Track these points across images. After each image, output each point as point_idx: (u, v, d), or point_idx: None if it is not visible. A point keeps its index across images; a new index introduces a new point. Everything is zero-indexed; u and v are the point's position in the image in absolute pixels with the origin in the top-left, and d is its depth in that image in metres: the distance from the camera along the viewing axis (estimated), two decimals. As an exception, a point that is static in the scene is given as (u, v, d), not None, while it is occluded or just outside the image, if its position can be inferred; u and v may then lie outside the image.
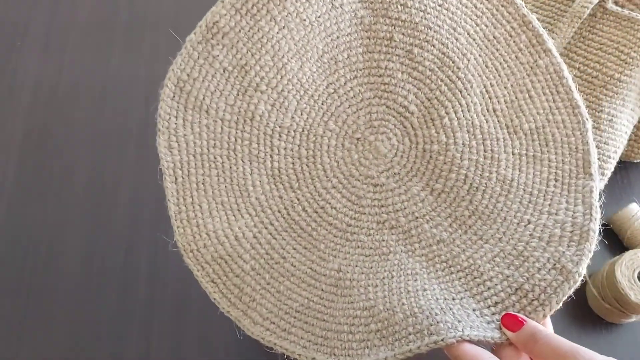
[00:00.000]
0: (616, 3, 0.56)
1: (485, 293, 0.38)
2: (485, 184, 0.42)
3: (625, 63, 0.54)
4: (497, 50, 0.45)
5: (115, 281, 0.57)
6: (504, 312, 0.36)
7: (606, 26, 0.55)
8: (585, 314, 0.56)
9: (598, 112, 0.54)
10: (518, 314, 0.36)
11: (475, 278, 0.38)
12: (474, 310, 0.37)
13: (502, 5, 0.45)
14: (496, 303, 0.37)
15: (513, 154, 0.43)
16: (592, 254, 0.38)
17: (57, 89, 0.68)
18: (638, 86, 0.56)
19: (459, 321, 0.35)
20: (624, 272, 0.52)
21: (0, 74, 0.69)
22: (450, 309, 0.36)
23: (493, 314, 0.37)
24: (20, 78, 0.69)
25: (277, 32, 0.42)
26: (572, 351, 0.32)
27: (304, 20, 0.43)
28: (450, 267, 0.40)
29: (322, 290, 0.40)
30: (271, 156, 0.44)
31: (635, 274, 0.52)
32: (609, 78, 0.54)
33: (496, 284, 0.38)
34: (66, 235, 0.59)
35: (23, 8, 0.74)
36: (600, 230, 0.39)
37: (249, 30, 0.42)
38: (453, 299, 0.37)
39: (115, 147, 0.65)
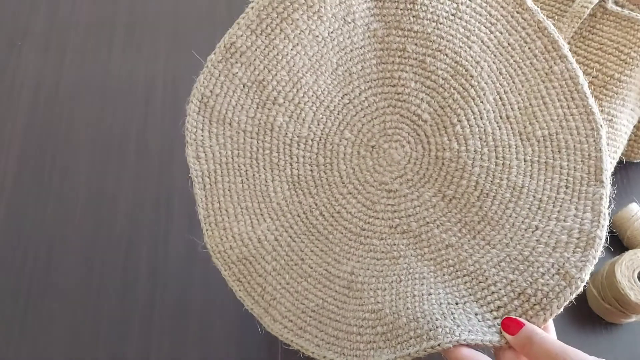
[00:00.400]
0: (616, 3, 0.56)
1: (488, 297, 0.39)
2: (496, 190, 0.43)
3: (625, 63, 0.54)
4: (512, 57, 0.45)
5: (115, 282, 0.57)
6: (505, 316, 0.37)
7: (606, 26, 0.55)
8: (585, 314, 0.56)
9: (598, 112, 0.54)
10: (518, 318, 0.37)
11: (480, 282, 0.40)
12: (476, 314, 0.38)
13: (518, 12, 0.45)
14: (499, 307, 0.38)
15: (525, 160, 0.43)
16: (597, 260, 0.38)
17: (57, 89, 0.69)
18: (638, 86, 0.55)
19: (458, 326, 0.36)
20: (624, 272, 0.52)
21: (1, 74, 0.69)
22: (452, 313, 0.38)
23: (495, 318, 0.38)
24: (20, 78, 0.70)
25: (292, 49, 0.45)
26: (562, 352, 0.33)
27: (317, 36, 0.45)
28: (457, 271, 0.41)
29: (336, 291, 0.43)
30: (290, 164, 0.46)
31: (635, 274, 0.52)
32: (609, 78, 0.54)
33: (500, 289, 0.39)
34: (66, 235, 0.60)
35: (23, 8, 0.74)
36: (607, 238, 0.39)
37: (264, 49, 0.45)
38: (456, 304, 0.39)
39: (115, 147, 0.65)
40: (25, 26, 0.73)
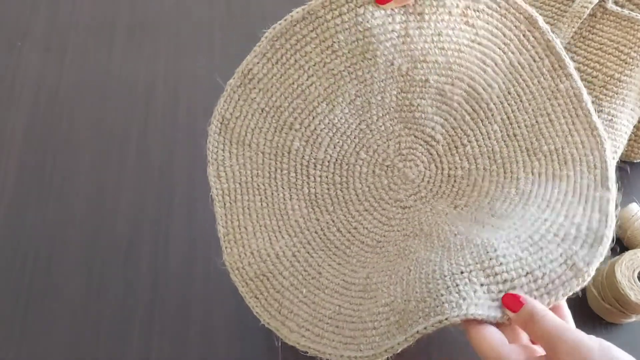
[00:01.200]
0: (616, 3, 0.56)
1: (496, 268, 0.39)
2: (505, 196, 0.45)
3: (625, 63, 0.54)
4: (521, 76, 0.47)
5: (116, 282, 0.57)
6: (511, 291, 0.37)
7: (606, 26, 0.55)
8: (585, 314, 0.56)
9: (598, 112, 0.55)
10: (519, 294, 0.37)
11: (488, 252, 0.40)
12: (481, 285, 0.38)
13: (529, 31, 0.47)
14: (505, 281, 0.38)
15: (532, 173, 0.46)
16: (603, 258, 0.39)
17: (57, 89, 0.69)
18: (638, 86, 0.56)
19: (464, 299, 0.37)
20: (624, 272, 0.52)
21: (1, 74, 0.70)
22: (457, 285, 0.38)
23: (500, 291, 0.38)
24: (20, 78, 0.70)
25: (307, 79, 0.47)
26: (564, 331, 0.34)
27: (332, 69, 0.47)
28: (464, 246, 0.42)
29: (352, 297, 0.44)
30: (308, 183, 0.48)
31: (635, 274, 0.52)
32: (609, 78, 0.55)
33: (509, 262, 0.39)
34: (66, 235, 0.60)
35: (23, 8, 0.75)
36: (614, 238, 0.40)
37: (280, 77, 0.47)
38: (462, 272, 0.39)
39: (115, 147, 0.65)
40: (25, 26, 0.74)
